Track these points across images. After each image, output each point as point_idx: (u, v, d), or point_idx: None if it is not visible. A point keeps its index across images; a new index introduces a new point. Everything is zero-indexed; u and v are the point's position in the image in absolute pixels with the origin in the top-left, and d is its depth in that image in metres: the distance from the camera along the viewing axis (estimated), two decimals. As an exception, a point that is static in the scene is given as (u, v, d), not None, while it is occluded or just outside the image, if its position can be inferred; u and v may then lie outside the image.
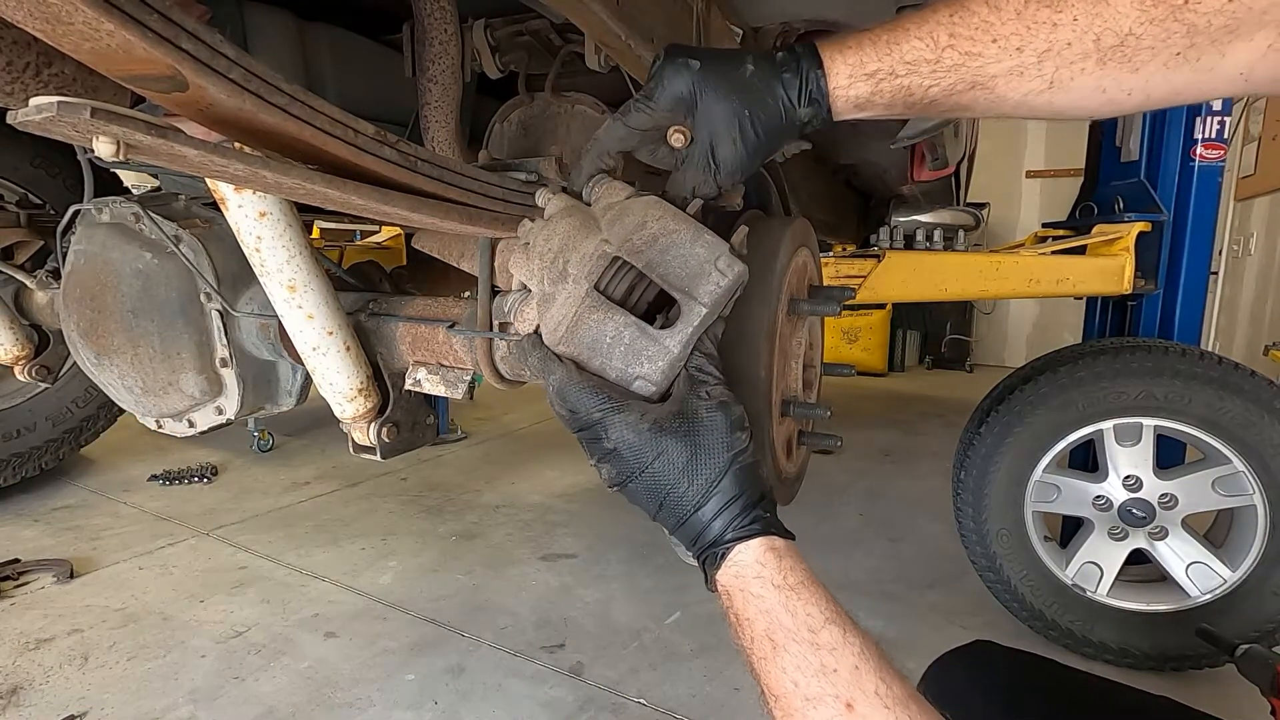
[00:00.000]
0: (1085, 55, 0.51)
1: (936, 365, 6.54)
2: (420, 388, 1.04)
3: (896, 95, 0.58)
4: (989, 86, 0.55)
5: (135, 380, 1.16)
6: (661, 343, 0.62)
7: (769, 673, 0.53)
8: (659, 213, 0.66)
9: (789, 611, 0.54)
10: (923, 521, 2.75)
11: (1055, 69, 0.53)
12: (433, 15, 1.09)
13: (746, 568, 0.56)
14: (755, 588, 0.55)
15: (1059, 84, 0.53)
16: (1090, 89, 0.53)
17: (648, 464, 0.58)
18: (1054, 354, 1.97)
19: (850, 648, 0.52)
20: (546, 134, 1.29)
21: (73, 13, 0.39)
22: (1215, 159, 2.07)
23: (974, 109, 0.58)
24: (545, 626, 1.96)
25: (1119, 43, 0.50)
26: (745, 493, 0.58)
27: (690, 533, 0.59)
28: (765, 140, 0.62)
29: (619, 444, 0.58)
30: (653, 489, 0.58)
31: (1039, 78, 0.53)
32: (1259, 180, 4.99)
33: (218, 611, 2.00)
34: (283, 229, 0.91)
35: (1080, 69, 0.52)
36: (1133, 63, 0.51)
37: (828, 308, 1.04)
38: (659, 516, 0.60)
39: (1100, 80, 0.52)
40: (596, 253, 0.65)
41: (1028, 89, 0.54)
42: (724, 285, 0.63)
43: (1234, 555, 1.74)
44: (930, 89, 0.56)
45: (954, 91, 0.56)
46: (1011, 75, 0.54)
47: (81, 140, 0.44)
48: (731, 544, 0.57)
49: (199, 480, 3.01)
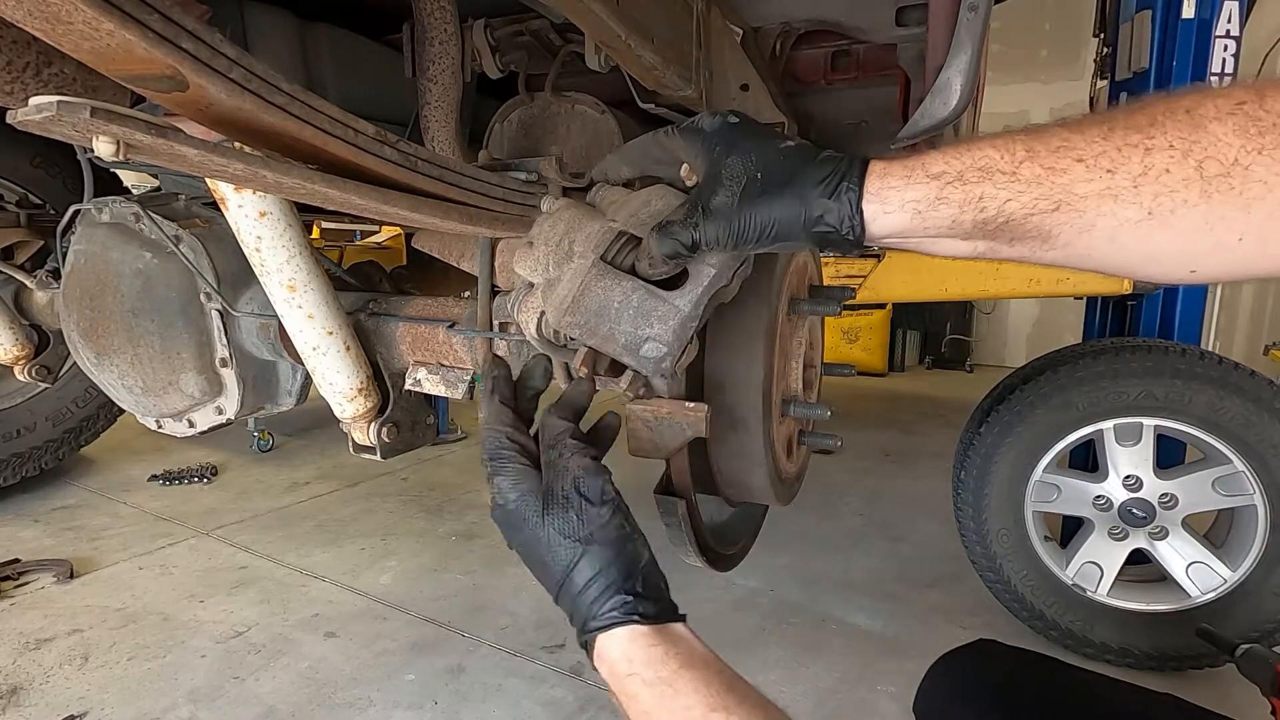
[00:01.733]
0: (1187, 183, 0.44)
1: (936, 365, 6.53)
2: (420, 387, 1.04)
3: (966, 206, 0.50)
4: (1078, 208, 0.47)
5: (135, 380, 1.16)
6: (671, 302, 0.62)
7: None
8: (662, 193, 0.67)
9: (666, 711, 0.51)
10: (923, 521, 2.75)
11: (1154, 196, 0.45)
12: (433, 15, 1.09)
13: (616, 664, 0.53)
14: (630, 687, 0.52)
15: (1159, 214, 0.45)
16: (1195, 224, 0.45)
17: (512, 537, 0.59)
18: (1054, 354, 1.97)
19: None
20: (546, 134, 1.29)
21: (73, 12, 0.39)
22: (1215, 159, 2.07)
23: (1057, 241, 0.49)
24: (545, 626, 1.96)
25: (1224, 172, 0.43)
26: (604, 571, 0.55)
27: (566, 609, 0.57)
28: (766, 212, 0.54)
29: (493, 509, 0.60)
30: (526, 558, 0.59)
31: (1135, 204, 0.45)
32: (1259, 180, 4.98)
33: (218, 611, 2.00)
34: (283, 229, 0.91)
35: (1182, 199, 0.44)
36: (1243, 197, 0.43)
37: (828, 307, 1.04)
38: (541, 582, 0.59)
39: (1207, 214, 0.44)
40: (602, 229, 0.66)
41: (1123, 216, 0.46)
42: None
43: (1234, 555, 1.74)
44: (1008, 203, 0.48)
45: (1036, 210, 0.48)
46: (1104, 198, 0.46)
47: (81, 140, 0.44)
48: (594, 634, 0.54)
49: (199, 480, 3.01)
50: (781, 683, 1.72)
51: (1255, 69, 3.85)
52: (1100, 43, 2.71)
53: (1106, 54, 2.48)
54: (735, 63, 1.14)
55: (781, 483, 1.07)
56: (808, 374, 1.18)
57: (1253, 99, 0.43)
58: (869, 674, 1.78)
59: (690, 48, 1.06)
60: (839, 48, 1.45)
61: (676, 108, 1.31)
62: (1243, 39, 2.01)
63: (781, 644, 1.89)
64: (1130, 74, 2.16)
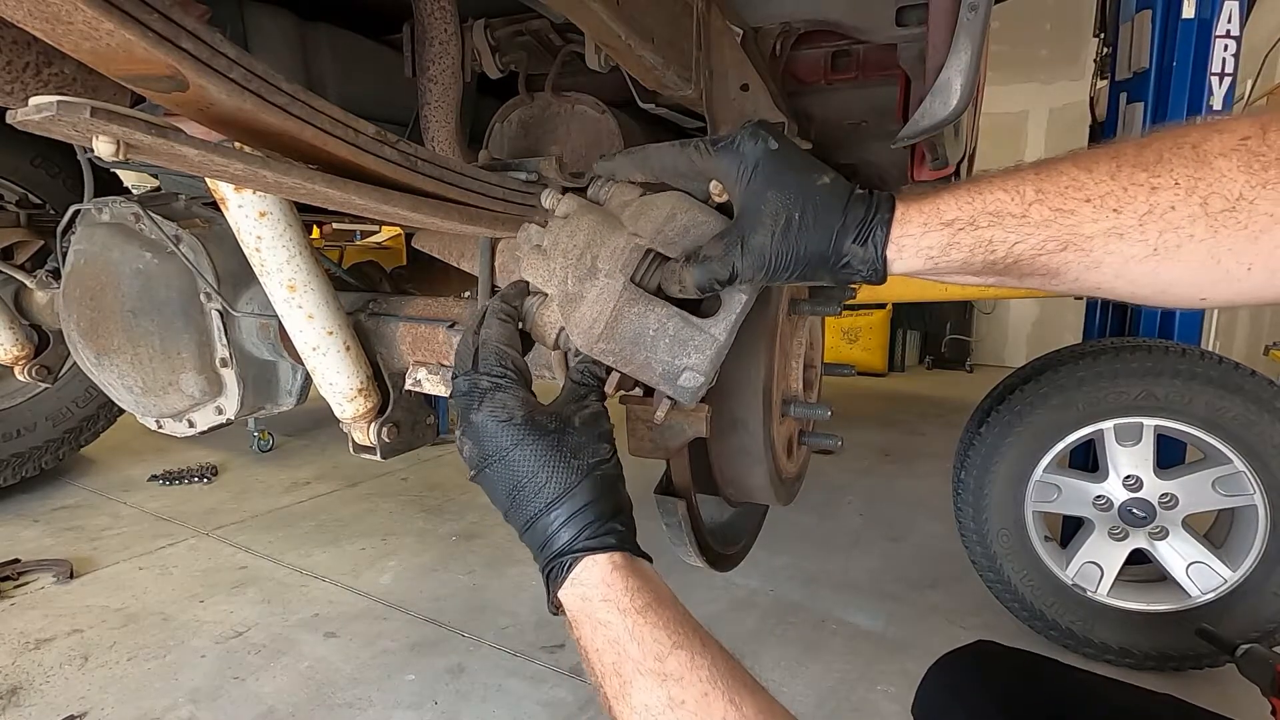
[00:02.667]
0: (1192, 219, 0.46)
1: (937, 365, 6.53)
2: (420, 388, 1.04)
3: (976, 249, 0.52)
4: (1084, 248, 0.49)
5: (135, 380, 1.16)
6: (707, 331, 0.62)
7: (622, 713, 0.50)
8: (686, 204, 0.65)
9: (635, 640, 0.51)
10: (923, 521, 2.75)
11: (1159, 233, 0.47)
12: (433, 15, 1.09)
13: (592, 588, 0.54)
14: (601, 613, 0.53)
15: (1164, 251, 0.47)
16: (1202, 258, 0.47)
17: (507, 449, 0.56)
18: (1054, 354, 1.97)
19: (699, 673, 0.50)
20: (546, 134, 1.29)
21: (73, 12, 0.39)
22: (1216, 159, 2.07)
23: (1065, 277, 0.52)
24: (546, 627, 1.95)
25: (1230, 207, 0.45)
26: (600, 501, 0.56)
27: (538, 536, 0.56)
28: (801, 251, 0.56)
29: (485, 420, 0.57)
30: (507, 478, 0.57)
31: (1141, 242, 0.47)
32: (1259, 180, 4.98)
33: (218, 611, 2.00)
34: (283, 229, 0.91)
35: (1188, 234, 0.46)
36: (1249, 230, 0.45)
37: (828, 308, 1.04)
38: (510, 513, 0.58)
39: (1213, 249, 0.46)
40: (629, 246, 0.64)
41: (1129, 254, 0.48)
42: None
43: (1234, 555, 1.74)
44: (1016, 245, 0.51)
45: (1044, 251, 0.50)
46: (1110, 237, 0.48)
47: (81, 140, 0.44)
48: (580, 554, 0.54)
49: (199, 480, 3.01)
50: (781, 683, 1.72)
51: (1255, 69, 3.85)
52: (1100, 43, 2.71)
53: (1107, 54, 2.48)
54: (735, 63, 1.14)
55: (782, 483, 1.07)
56: (808, 374, 1.18)
57: (1256, 134, 0.44)
58: (869, 674, 1.78)
59: (690, 48, 1.06)
60: (839, 48, 1.45)
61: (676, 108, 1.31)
62: (1243, 39, 2.01)
63: (781, 644, 1.89)
64: (1130, 74, 2.16)
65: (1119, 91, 2.25)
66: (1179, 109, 2.04)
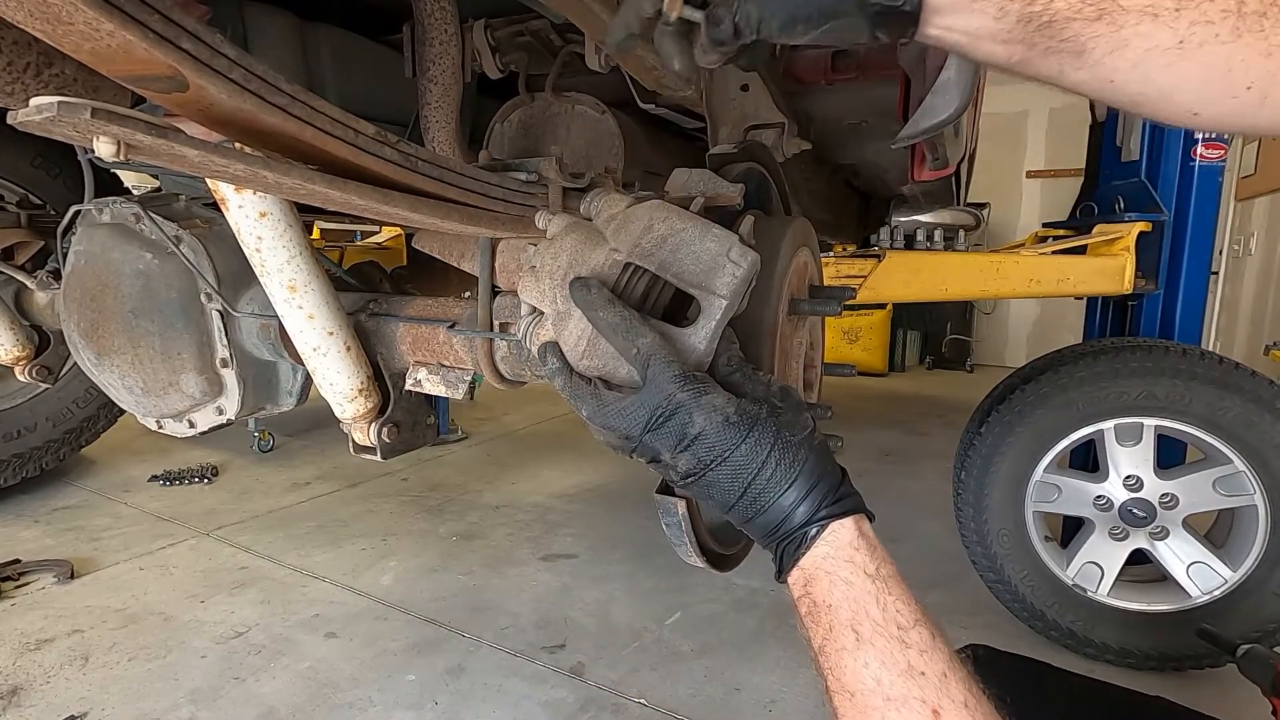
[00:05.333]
0: (1225, 15, 0.45)
1: (937, 365, 6.53)
2: (421, 388, 1.04)
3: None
4: (1117, 22, 0.47)
5: (136, 381, 1.16)
6: (687, 341, 0.62)
7: (846, 666, 0.50)
8: (664, 214, 0.65)
9: (879, 604, 0.51)
10: (923, 521, 2.75)
11: (1190, 24, 0.45)
12: (433, 15, 1.09)
13: (839, 549, 0.54)
14: (845, 573, 0.52)
15: (1189, 45, 0.46)
16: (1217, 63, 0.46)
17: (734, 447, 0.54)
18: (1054, 354, 1.97)
19: (940, 653, 0.50)
20: (547, 134, 1.29)
21: (73, 13, 0.39)
22: (1216, 159, 2.07)
23: (1089, 57, 0.48)
24: (546, 627, 1.96)
25: (1262, 11, 0.44)
26: (829, 473, 0.56)
27: (772, 519, 0.55)
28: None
29: (705, 427, 0.55)
30: (737, 474, 0.55)
31: (1171, 28, 0.46)
32: (1259, 180, 4.99)
33: (218, 612, 2.00)
34: (283, 229, 0.91)
35: (1214, 33, 0.45)
36: (1268, 43, 0.45)
37: (828, 308, 1.04)
38: (738, 506, 0.56)
39: (1230, 55, 0.45)
40: (607, 261, 0.65)
41: (1155, 40, 0.46)
42: (740, 275, 0.63)
43: (1235, 555, 1.74)
44: (1055, 2, 0.47)
45: (1079, 15, 0.47)
46: (1144, 15, 0.46)
47: (82, 140, 0.44)
48: (826, 521, 0.54)
49: (199, 481, 3.01)
50: (781, 683, 1.72)
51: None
52: (1100, 42, 2.71)
53: (1107, 54, 2.47)
54: (735, 63, 1.14)
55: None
56: (808, 374, 1.18)
57: None
58: (869, 674, 1.78)
59: (690, 48, 1.06)
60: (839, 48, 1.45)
61: (676, 107, 1.31)
62: (1243, 39, 2.01)
63: (781, 644, 1.89)
64: (1130, 74, 2.16)
65: (1119, 91, 2.24)
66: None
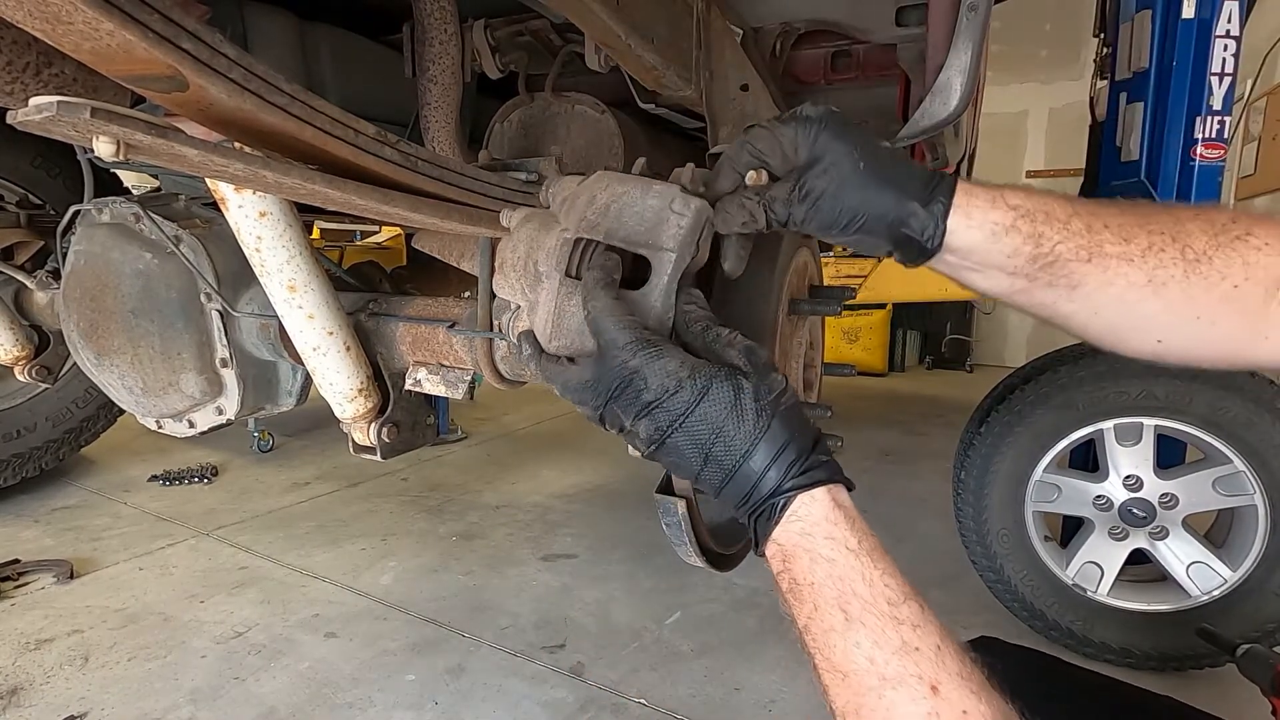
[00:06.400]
0: (1175, 260, 0.56)
1: (937, 365, 6.53)
2: (420, 388, 1.04)
3: (1029, 239, 0.57)
4: (1104, 265, 0.57)
5: (135, 380, 1.16)
6: (643, 301, 0.61)
7: (835, 646, 0.48)
8: (605, 183, 0.66)
9: (865, 580, 0.49)
10: (923, 521, 2.75)
11: (1154, 267, 0.56)
12: (433, 15, 1.09)
13: (814, 525, 0.51)
14: (826, 550, 0.50)
15: (1156, 283, 0.56)
16: (1178, 297, 0.56)
17: (692, 408, 0.52)
18: (1054, 354, 1.97)
19: (931, 626, 0.48)
20: (546, 134, 1.29)
21: (73, 13, 0.39)
22: (1215, 159, 2.07)
23: (1081, 291, 0.58)
24: (546, 627, 1.96)
25: (1198, 258, 0.55)
26: (798, 436, 0.53)
27: (740, 487, 0.53)
28: (859, 200, 0.57)
29: (660, 392, 0.53)
30: (697, 437, 0.53)
31: (1142, 269, 0.56)
32: (1259, 180, 4.98)
33: (218, 612, 2.00)
34: (283, 229, 0.91)
35: (1171, 274, 0.56)
36: (1208, 280, 0.55)
37: (828, 307, 1.04)
38: (704, 473, 0.54)
39: (1187, 289, 0.56)
40: (558, 242, 0.65)
41: (1132, 279, 0.57)
42: (685, 225, 0.62)
43: (1234, 555, 1.74)
44: (1058, 245, 0.57)
45: (1076, 257, 0.57)
46: (1122, 260, 0.56)
47: (82, 140, 0.44)
48: (793, 493, 0.52)
49: (199, 481, 3.01)
50: (781, 683, 1.72)
51: (1255, 69, 3.85)
52: (1100, 43, 2.71)
53: (1106, 54, 2.47)
54: (735, 63, 1.14)
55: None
56: (808, 374, 1.18)
57: (1212, 209, 0.58)
58: (869, 674, 1.78)
59: (690, 48, 1.06)
60: (839, 48, 1.45)
61: (676, 107, 1.31)
62: (1243, 39, 2.01)
63: (781, 644, 1.89)
64: (1130, 74, 2.16)
65: (1119, 91, 2.24)
66: (1179, 109, 2.04)
